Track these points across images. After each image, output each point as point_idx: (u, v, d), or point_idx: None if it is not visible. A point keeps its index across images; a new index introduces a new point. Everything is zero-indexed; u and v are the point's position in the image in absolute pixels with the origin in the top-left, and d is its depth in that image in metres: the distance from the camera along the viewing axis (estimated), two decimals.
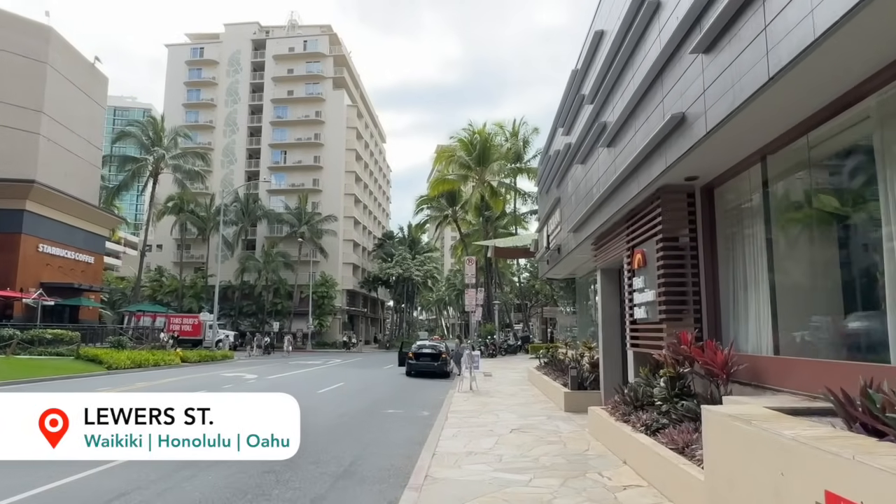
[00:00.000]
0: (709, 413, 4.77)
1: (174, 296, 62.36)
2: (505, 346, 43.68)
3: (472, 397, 15.83)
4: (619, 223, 10.72)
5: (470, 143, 45.56)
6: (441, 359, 24.10)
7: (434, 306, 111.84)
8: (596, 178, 11.62)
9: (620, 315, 12.62)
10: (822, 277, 5.99)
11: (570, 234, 14.65)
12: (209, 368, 28.04)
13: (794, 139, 6.01)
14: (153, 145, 42.25)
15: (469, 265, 21.28)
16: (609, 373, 12.44)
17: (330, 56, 72.56)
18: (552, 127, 18.40)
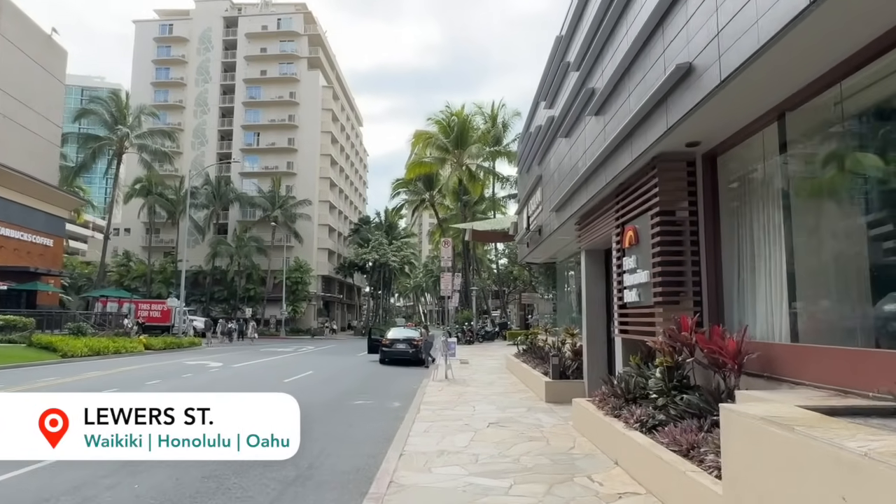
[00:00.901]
0: (732, 414, 3.89)
1: (142, 281, 60.42)
2: (482, 333, 42.96)
3: (448, 386, 14.94)
4: (607, 199, 9.82)
5: (448, 125, 44.33)
6: (416, 346, 23.20)
7: (411, 293, 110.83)
8: (582, 151, 10.71)
9: (606, 299, 11.78)
10: (852, 253, 5.14)
11: (553, 214, 13.76)
12: (173, 356, 26.77)
13: (823, 90, 5.12)
14: (116, 123, 40.19)
15: (445, 248, 20.28)
16: (593, 361, 11.61)
17: (304, 35, 70.51)
18: (533, 102, 17.44)
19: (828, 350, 5.02)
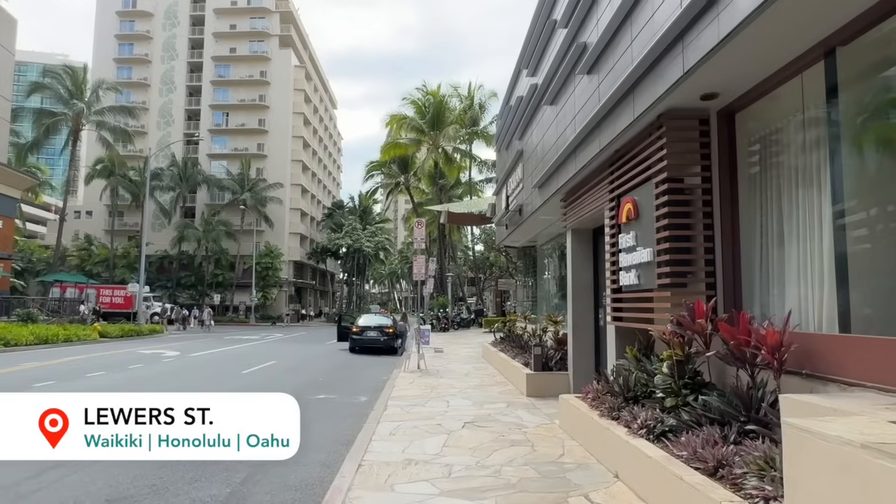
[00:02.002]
0: (805, 436, 2.77)
1: (105, 266, 58.06)
2: (458, 320, 41.93)
3: (420, 378, 13.78)
4: (599, 169, 8.69)
5: (423, 105, 42.77)
6: (388, 333, 21.99)
7: (386, 279, 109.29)
8: (570, 118, 9.55)
9: (595, 284, 10.70)
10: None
11: (535, 192, 12.62)
12: (130, 344, 25.15)
13: (890, 13, 4.01)
14: (72, 98, 37.82)
15: (419, 229, 18.97)
16: (580, 352, 10.54)
17: (276, 12, 68.12)
18: (514, 71, 16.22)
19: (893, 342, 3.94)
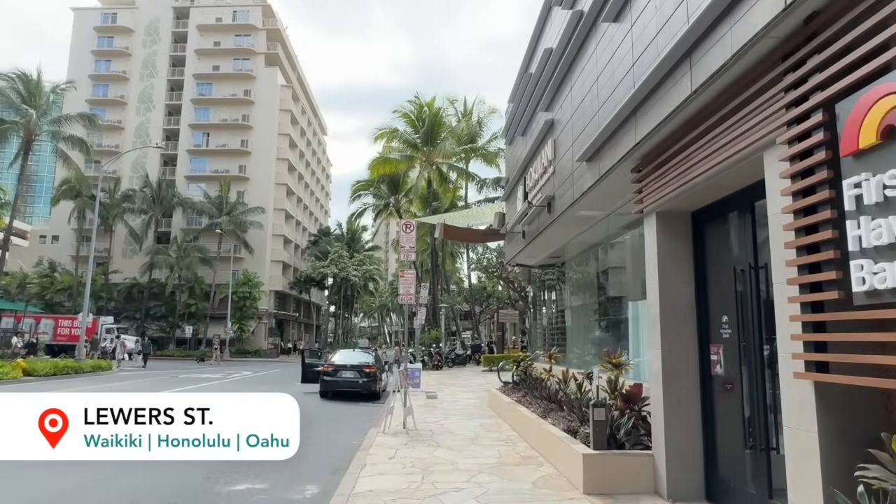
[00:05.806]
0: None
1: (67, 295, 53.16)
2: (452, 357, 37.30)
3: (406, 447, 9.34)
4: (755, 77, 4.54)
5: (417, 117, 38.85)
6: (369, 374, 17.51)
7: (377, 312, 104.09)
8: (655, 28, 5.47)
9: (698, 304, 6.40)
10: None
11: (580, 169, 8.49)
12: (52, 386, 20.47)
13: None
14: (24, 103, 33.77)
15: (407, 233, 14.68)
16: (676, 418, 6.20)
17: (263, 30, 64.92)
18: (535, 28, 12.29)
19: None
